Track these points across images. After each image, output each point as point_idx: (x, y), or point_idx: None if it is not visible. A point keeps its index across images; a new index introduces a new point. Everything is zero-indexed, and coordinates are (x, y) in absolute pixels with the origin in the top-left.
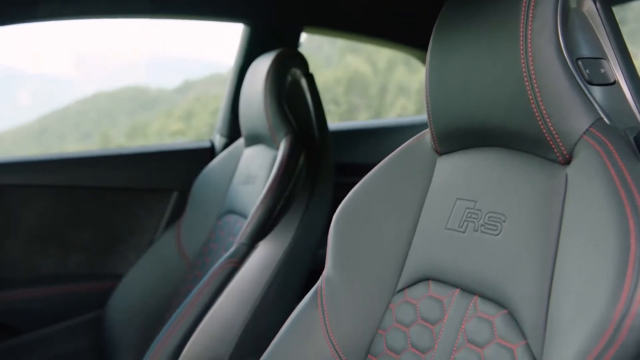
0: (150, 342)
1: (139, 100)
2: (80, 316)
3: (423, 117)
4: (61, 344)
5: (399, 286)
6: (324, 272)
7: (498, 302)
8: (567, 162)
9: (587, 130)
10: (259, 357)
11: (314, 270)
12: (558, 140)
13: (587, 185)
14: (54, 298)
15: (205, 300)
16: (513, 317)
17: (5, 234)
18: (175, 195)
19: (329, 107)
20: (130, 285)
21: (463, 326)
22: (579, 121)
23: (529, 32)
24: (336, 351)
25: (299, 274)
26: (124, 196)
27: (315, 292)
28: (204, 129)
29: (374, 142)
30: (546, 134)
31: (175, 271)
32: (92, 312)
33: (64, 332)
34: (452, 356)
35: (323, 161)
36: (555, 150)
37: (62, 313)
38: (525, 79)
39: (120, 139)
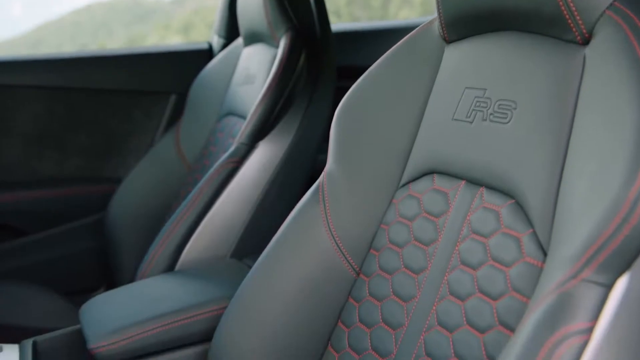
0: (151, 244)
1: (135, 11)
2: (82, 219)
3: (430, 17)
4: (65, 245)
5: (403, 180)
6: (326, 168)
7: (505, 192)
8: (586, 41)
9: (610, 4)
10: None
11: (313, 176)
12: (577, 17)
13: (606, 63)
14: (56, 201)
15: (206, 199)
16: (520, 207)
17: (1, 134)
18: (173, 98)
19: (330, 19)
20: (130, 188)
21: (468, 218)
22: None
23: None
24: (338, 246)
25: (299, 175)
26: (121, 98)
27: (317, 188)
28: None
29: (379, 44)
30: (564, 11)
31: (175, 174)
32: (94, 214)
33: (68, 233)
34: (456, 247)
35: (325, 60)
36: (574, 29)
37: (65, 216)
38: None
39: None
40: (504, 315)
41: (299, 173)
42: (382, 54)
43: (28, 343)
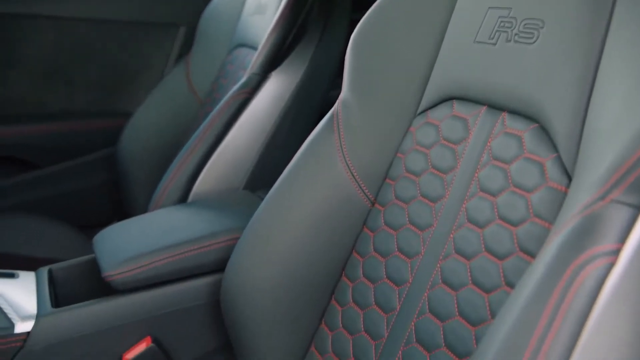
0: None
1: None
2: (94, 153)
3: None
4: (77, 178)
5: (421, 107)
6: (340, 96)
7: (528, 116)
8: None
9: None
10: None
11: (324, 113)
12: None
13: None
14: (67, 135)
15: (217, 132)
16: (544, 131)
17: (9, 66)
18: (182, 29)
19: None
20: (141, 122)
21: (489, 144)
22: None
23: None
24: (353, 176)
25: (312, 108)
26: (130, 31)
27: (331, 117)
28: None
29: None
30: None
31: (186, 108)
32: (105, 148)
33: (80, 167)
34: (476, 174)
35: None
36: None
37: (76, 149)
38: None
39: None
40: (525, 242)
41: (311, 106)
42: None
43: (44, 271)
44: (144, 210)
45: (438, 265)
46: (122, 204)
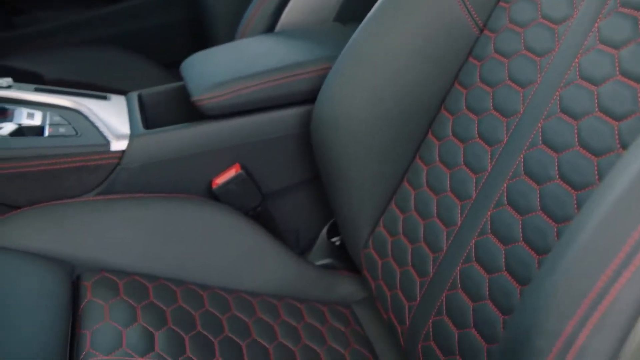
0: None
1: None
2: None
3: None
4: (159, 14)
5: None
6: None
7: None
8: None
9: None
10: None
11: None
12: None
13: None
14: None
15: None
16: None
17: None
18: None
19: None
20: None
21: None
22: None
23: None
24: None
25: None
26: None
27: None
28: None
29: None
30: None
31: None
32: None
33: (161, 2)
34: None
35: None
36: None
37: None
38: None
39: None
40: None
41: None
42: None
43: (134, 95)
44: None
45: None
46: (204, 40)
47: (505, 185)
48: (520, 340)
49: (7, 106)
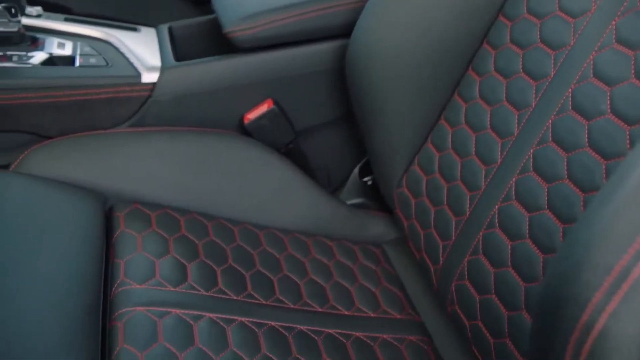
0: None
1: None
2: None
3: None
4: None
5: None
6: None
7: None
8: None
9: None
10: None
11: None
12: None
13: None
14: None
15: None
16: None
17: None
18: None
19: None
20: None
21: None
22: None
23: None
24: None
25: None
26: None
27: None
28: None
29: None
30: None
31: None
32: None
33: None
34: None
35: None
36: None
37: None
38: None
39: None
40: None
41: None
42: None
43: (164, 27)
44: None
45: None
46: None
47: (550, 121)
48: (567, 275)
49: (38, 35)
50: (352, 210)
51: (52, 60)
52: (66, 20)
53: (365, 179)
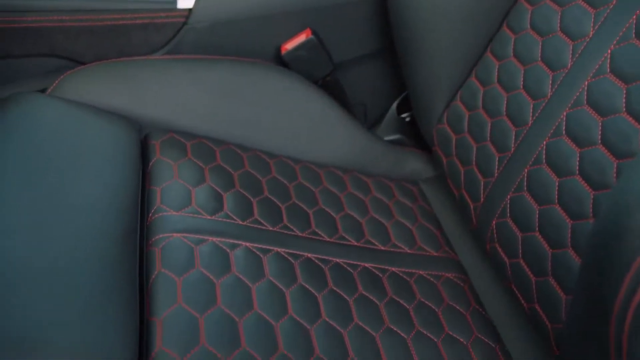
0: None
1: None
2: None
3: None
4: None
5: None
6: None
7: None
8: None
9: None
10: None
11: None
12: None
13: None
14: None
15: None
16: None
17: None
18: None
19: None
20: None
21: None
22: None
23: None
24: None
25: None
26: None
27: None
28: None
29: None
30: None
31: None
32: None
33: None
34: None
35: None
36: None
37: None
38: None
39: None
40: None
41: None
42: None
43: None
44: None
45: (608, 50)
46: None
47: (609, 51)
48: (628, 206)
49: None
50: (389, 147)
51: None
52: None
53: (403, 115)
